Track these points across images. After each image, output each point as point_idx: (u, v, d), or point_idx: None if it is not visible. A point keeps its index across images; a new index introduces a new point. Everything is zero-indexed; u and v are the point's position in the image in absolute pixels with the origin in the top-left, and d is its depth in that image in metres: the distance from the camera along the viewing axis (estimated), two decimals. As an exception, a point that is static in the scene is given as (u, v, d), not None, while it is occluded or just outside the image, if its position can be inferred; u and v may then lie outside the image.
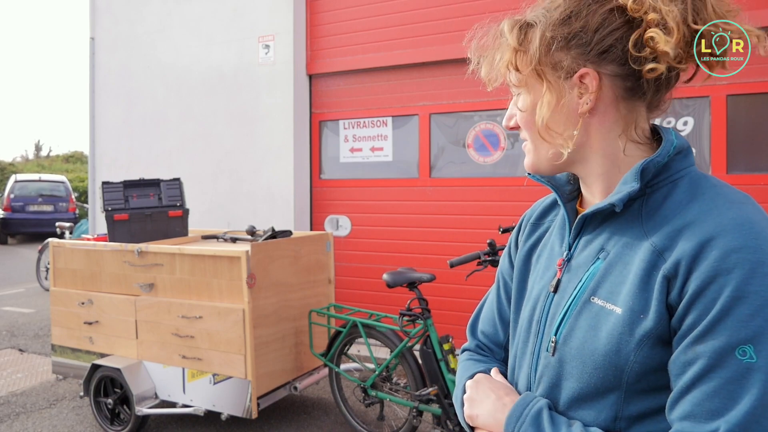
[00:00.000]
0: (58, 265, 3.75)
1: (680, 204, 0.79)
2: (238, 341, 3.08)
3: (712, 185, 0.80)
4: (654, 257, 0.76)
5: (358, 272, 5.18)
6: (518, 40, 0.84)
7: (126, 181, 3.82)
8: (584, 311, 0.82)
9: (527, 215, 1.08)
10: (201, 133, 5.70)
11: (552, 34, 0.81)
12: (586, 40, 0.81)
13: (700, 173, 0.83)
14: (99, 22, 6.34)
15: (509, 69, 0.86)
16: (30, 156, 32.08)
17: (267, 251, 3.24)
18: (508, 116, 0.92)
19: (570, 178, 0.97)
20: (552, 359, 0.85)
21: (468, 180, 4.77)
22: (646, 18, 0.77)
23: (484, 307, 1.13)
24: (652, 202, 0.81)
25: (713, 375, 0.69)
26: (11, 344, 5.44)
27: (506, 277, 1.07)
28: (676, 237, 0.75)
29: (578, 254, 0.88)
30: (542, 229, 1.02)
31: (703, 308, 0.70)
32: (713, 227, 0.72)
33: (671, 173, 0.82)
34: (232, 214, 5.45)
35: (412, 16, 4.93)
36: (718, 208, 0.75)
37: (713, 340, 0.69)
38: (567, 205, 0.94)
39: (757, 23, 3.16)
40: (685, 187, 0.80)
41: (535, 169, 0.90)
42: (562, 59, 0.82)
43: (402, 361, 3.12)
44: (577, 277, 0.86)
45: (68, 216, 13.67)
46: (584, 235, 0.89)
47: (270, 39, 5.30)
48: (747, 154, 3.94)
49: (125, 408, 3.40)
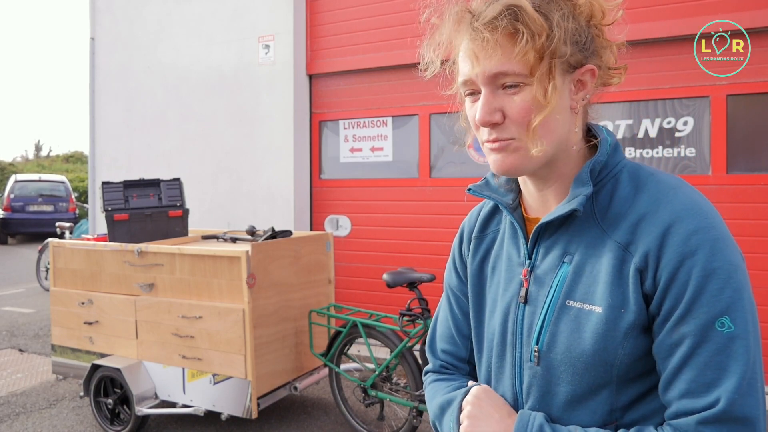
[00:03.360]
0: (58, 265, 3.75)
1: (628, 198, 0.82)
2: (238, 341, 3.08)
3: (649, 174, 0.84)
4: (621, 252, 0.79)
5: (358, 272, 5.18)
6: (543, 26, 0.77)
7: (126, 181, 3.82)
8: (563, 316, 0.83)
9: (467, 227, 1.06)
10: (201, 133, 5.70)
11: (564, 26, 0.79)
12: (585, 38, 0.82)
13: (633, 164, 0.86)
14: (99, 22, 6.34)
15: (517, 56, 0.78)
16: (30, 156, 32.09)
17: (267, 251, 3.24)
18: (491, 110, 0.81)
19: (509, 186, 0.96)
20: (538, 369, 0.85)
21: (468, 180, 4.76)
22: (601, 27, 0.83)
23: (438, 325, 1.10)
24: (601, 200, 0.84)
25: (700, 351, 0.74)
26: (11, 344, 5.44)
27: (457, 292, 1.05)
28: (635, 230, 0.79)
29: (541, 262, 0.88)
30: (488, 240, 1.01)
31: (677, 292, 0.75)
32: (668, 215, 0.77)
33: (610, 169, 0.85)
34: (232, 214, 5.45)
35: (412, 16, 4.93)
36: (665, 195, 0.80)
37: (694, 319, 0.74)
38: (514, 213, 0.93)
39: (758, 23, 3.15)
40: (627, 181, 0.84)
41: (520, 170, 0.84)
42: (566, 53, 0.80)
43: (402, 361, 3.12)
44: (546, 284, 0.86)
45: (68, 216, 13.66)
46: (542, 241, 0.89)
47: (270, 39, 5.30)
48: (747, 154, 3.94)
49: (125, 408, 3.40)
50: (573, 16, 0.81)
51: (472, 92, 0.86)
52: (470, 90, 0.85)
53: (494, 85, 0.81)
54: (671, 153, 4.07)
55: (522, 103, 0.80)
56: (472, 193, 0.98)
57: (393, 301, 4.61)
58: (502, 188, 0.97)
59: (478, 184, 1.00)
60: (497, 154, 0.84)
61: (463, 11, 0.83)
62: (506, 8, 0.78)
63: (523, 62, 0.78)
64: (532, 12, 0.77)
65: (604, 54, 0.85)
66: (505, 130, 0.82)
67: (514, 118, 0.81)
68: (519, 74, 0.79)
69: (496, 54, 0.79)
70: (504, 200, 0.95)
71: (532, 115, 0.80)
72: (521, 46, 0.77)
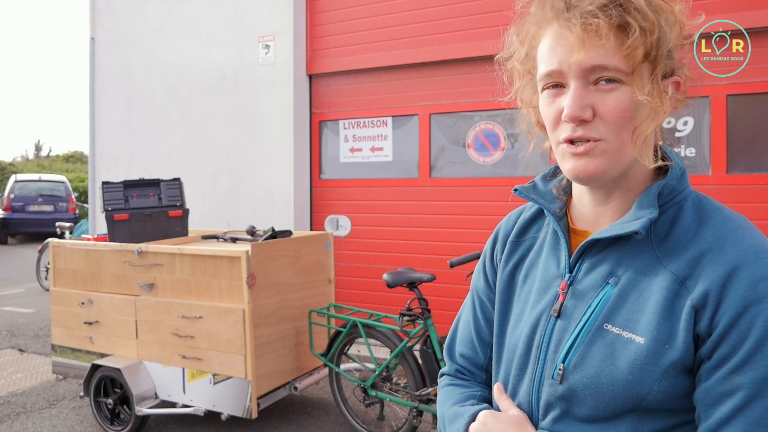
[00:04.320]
0: (58, 265, 3.75)
1: (690, 228, 0.78)
2: (238, 341, 3.08)
3: (716, 208, 0.79)
4: (676, 286, 0.75)
5: (358, 272, 5.18)
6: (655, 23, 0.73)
7: (126, 181, 3.82)
8: (597, 339, 0.78)
9: (503, 230, 1.01)
10: (201, 133, 5.70)
11: (665, 30, 0.76)
12: (673, 50, 0.79)
13: (699, 194, 0.82)
14: (99, 22, 6.34)
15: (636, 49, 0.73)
16: (30, 156, 32.11)
17: (267, 251, 3.24)
18: (582, 106, 0.75)
19: (558, 193, 0.92)
20: (560, 387, 0.81)
21: (468, 180, 4.77)
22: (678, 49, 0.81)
23: (459, 327, 1.06)
24: (660, 226, 0.79)
25: (755, 405, 0.68)
26: (11, 344, 5.44)
27: (483, 297, 1.01)
28: (697, 265, 0.74)
29: (583, 278, 0.83)
30: (524, 246, 0.96)
31: (737, 339, 0.70)
32: (735, 256, 0.72)
33: (674, 195, 0.81)
34: (232, 214, 5.44)
35: (412, 16, 4.93)
36: (733, 234, 0.75)
37: (752, 371, 0.68)
38: (560, 222, 0.88)
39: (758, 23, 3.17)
40: (691, 210, 0.79)
41: (603, 176, 0.78)
42: (664, 61, 0.76)
43: (402, 361, 3.12)
44: (585, 302, 0.81)
45: (68, 216, 13.65)
46: (587, 257, 0.84)
47: (270, 39, 5.30)
48: (747, 154, 3.94)
49: (125, 408, 3.40)
50: (671, 24, 0.76)
51: (554, 85, 0.79)
52: (553, 83, 0.79)
53: (586, 80, 0.75)
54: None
55: (618, 102, 0.74)
56: (518, 195, 0.93)
57: (393, 301, 4.60)
58: (549, 194, 0.92)
59: (525, 186, 0.94)
60: (579, 159, 0.77)
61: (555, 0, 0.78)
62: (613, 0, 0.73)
63: (629, 58, 0.73)
64: (644, 7, 0.72)
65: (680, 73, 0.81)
66: (593, 129, 0.75)
67: (607, 117, 0.75)
68: (620, 70, 0.73)
69: (600, 45, 0.73)
70: (551, 207, 0.90)
71: (626, 115, 0.75)
72: (632, 40, 0.72)
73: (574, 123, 0.76)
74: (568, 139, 0.77)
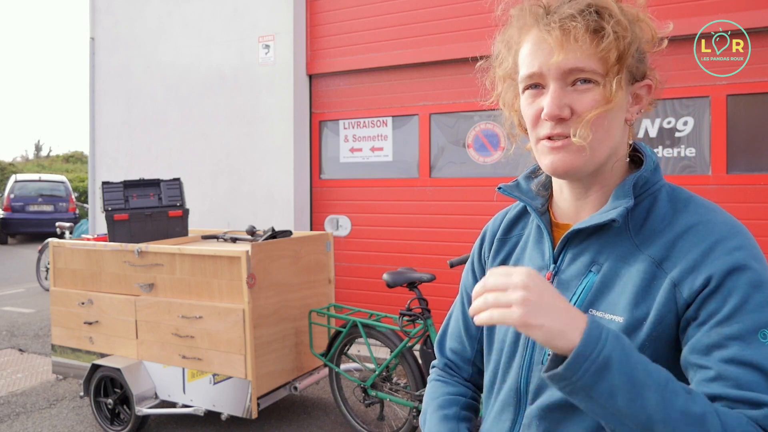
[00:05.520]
0: (58, 265, 3.75)
1: (666, 216, 0.83)
2: (238, 341, 3.08)
3: (688, 197, 0.85)
4: (653, 268, 0.79)
5: (358, 272, 5.18)
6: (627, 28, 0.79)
7: (126, 181, 3.82)
8: None
9: (490, 229, 1.06)
10: (201, 133, 5.70)
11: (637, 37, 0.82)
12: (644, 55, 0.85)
13: (672, 185, 0.87)
14: (99, 22, 6.34)
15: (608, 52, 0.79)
16: (30, 156, 32.11)
17: (267, 251, 3.24)
18: (561, 105, 0.80)
19: (538, 190, 0.97)
20: None
21: (468, 180, 4.77)
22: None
23: (450, 323, 1.12)
24: (637, 216, 0.84)
25: (743, 353, 0.71)
26: (11, 344, 5.44)
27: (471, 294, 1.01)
28: (673, 248, 0.79)
29: (566, 268, 0.88)
30: (511, 243, 1.01)
31: (722, 297, 0.74)
32: (712, 234, 0.78)
33: (649, 186, 0.86)
34: (232, 214, 5.45)
35: (412, 16, 4.93)
36: (705, 217, 0.81)
37: (737, 323, 0.72)
38: (542, 217, 0.93)
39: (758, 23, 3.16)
40: (665, 200, 0.84)
41: (578, 171, 0.83)
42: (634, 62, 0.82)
43: (402, 361, 3.12)
44: (570, 290, 0.86)
45: (68, 216, 13.65)
46: (570, 248, 0.88)
47: (270, 39, 5.30)
48: (747, 154, 3.94)
49: (125, 408, 3.40)
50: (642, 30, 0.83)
51: (534, 86, 0.84)
52: (533, 84, 0.84)
53: (565, 81, 0.81)
54: (671, 153, 4.07)
55: (592, 101, 0.80)
56: (502, 192, 0.98)
57: (393, 301, 4.60)
58: (532, 192, 0.97)
59: (509, 184, 0.99)
60: (557, 153, 0.82)
61: (536, 5, 0.83)
62: (589, 6, 0.79)
63: (603, 60, 0.78)
64: (617, 13, 0.78)
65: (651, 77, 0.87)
66: (568, 125, 0.81)
67: (582, 115, 0.80)
68: (596, 72, 0.79)
69: (577, 48, 0.78)
70: (533, 203, 0.95)
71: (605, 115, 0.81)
72: (606, 44, 0.77)
73: (553, 121, 0.81)
74: (547, 135, 0.82)
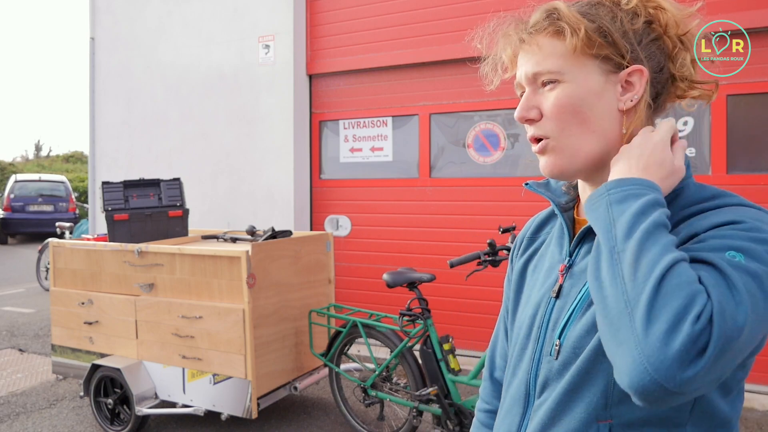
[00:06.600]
0: (58, 265, 3.75)
1: (679, 210, 0.81)
2: (238, 341, 3.08)
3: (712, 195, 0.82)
4: None
5: (358, 272, 5.18)
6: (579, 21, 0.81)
7: (126, 181, 3.82)
8: (587, 313, 0.82)
9: (522, 232, 1.08)
10: (201, 133, 5.70)
11: (607, 26, 0.82)
12: (637, 40, 0.83)
13: (699, 184, 0.85)
14: (99, 22, 6.34)
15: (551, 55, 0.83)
16: (30, 156, 32.09)
17: (267, 251, 3.23)
18: (527, 107, 0.86)
19: (568, 189, 0.97)
20: (556, 363, 0.84)
21: (468, 180, 4.77)
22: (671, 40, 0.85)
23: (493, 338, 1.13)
24: None
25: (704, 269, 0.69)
26: (11, 344, 5.44)
27: (507, 304, 1.07)
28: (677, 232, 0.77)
29: (580, 261, 0.88)
30: (538, 242, 1.02)
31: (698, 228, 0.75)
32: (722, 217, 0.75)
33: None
34: (232, 214, 5.45)
35: (412, 16, 4.93)
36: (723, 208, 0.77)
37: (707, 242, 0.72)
38: (564, 214, 0.94)
39: (757, 23, 3.15)
40: (685, 198, 0.83)
41: (566, 171, 0.86)
42: (614, 52, 0.82)
43: (402, 361, 3.12)
44: (580, 282, 0.86)
45: (68, 216, 13.65)
46: (586, 242, 0.89)
47: (270, 39, 5.30)
48: (747, 154, 3.94)
49: (125, 408, 3.40)
50: (621, 18, 0.83)
51: (522, 94, 0.90)
52: (521, 92, 0.90)
53: (535, 85, 0.86)
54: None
55: (556, 99, 0.83)
56: (528, 188, 1.00)
57: (393, 301, 4.60)
58: (560, 190, 0.98)
59: (538, 181, 1.00)
60: (541, 156, 0.87)
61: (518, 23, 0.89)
62: (546, 12, 0.84)
63: (555, 58, 0.82)
64: (566, 11, 0.82)
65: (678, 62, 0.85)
66: (541, 127, 0.85)
67: (548, 114, 0.84)
68: (553, 71, 0.83)
69: (536, 55, 0.84)
70: (558, 200, 0.96)
71: (566, 111, 0.83)
72: (555, 44, 0.82)
73: (524, 123, 0.87)
74: (529, 137, 0.88)
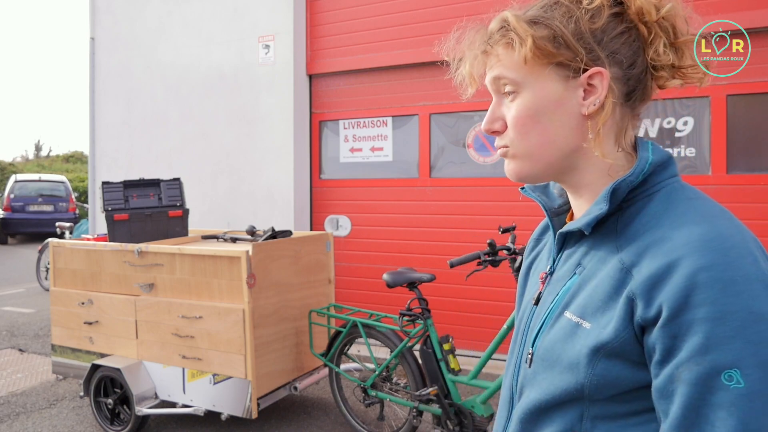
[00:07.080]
0: (58, 265, 3.75)
1: (652, 218, 0.76)
2: (238, 341, 3.08)
3: (686, 198, 0.77)
4: (622, 274, 0.74)
5: (358, 272, 5.18)
6: (527, 32, 0.79)
7: (126, 181, 3.82)
8: (557, 324, 0.81)
9: (533, 234, 1.08)
10: (201, 133, 5.70)
11: (561, 30, 0.78)
12: (597, 40, 0.78)
13: (679, 185, 0.79)
14: (99, 22, 6.34)
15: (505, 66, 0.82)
16: (30, 156, 32.11)
17: (267, 251, 3.23)
18: (492, 119, 0.85)
19: (561, 193, 0.95)
20: (529, 371, 0.84)
21: (468, 180, 4.77)
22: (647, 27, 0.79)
23: None
24: (627, 217, 0.79)
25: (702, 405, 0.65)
26: (11, 344, 5.44)
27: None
28: (644, 253, 0.72)
29: (560, 268, 0.87)
30: (541, 245, 1.02)
31: (677, 332, 0.66)
32: (680, 245, 0.69)
33: (647, 187, 0.79)
34: (232, 214, 5.45)
35: (412, 16, 4.93)
36: (688, 223, 0.71)
37: (697, 365, 0.64)
38: (554, 219, 0.93)
39: (757, 23, 3.15)
40: (660, 201, 0.77)
41: (522, 176, 0.85)
42: (570, 57, 0.78)
43: (402, 361, 3.12)
44: (555, 290, 0.85)
45: (68, 216, 13.66)
46: (566, 248, 0.88)
47: (270, 39, 5.30)
48: (747, 154, 3.94)
49: (125, 408, 3.40)
50: (578, 18, 0.78)
51: None
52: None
53: (500, 94, 0.85)
54: (671, 153, 4.08)
55: (516, 110, 0.82)
56: (523, 192, 0.99)
57: (393, 301, 4.60)
58: (555, 194, 0.96)
59: (533, 185, 0.97)
60: (505, 162, 0.87)
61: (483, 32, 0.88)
62: (499, 22, 0.84)
63: (513, 69, 0.81)
64: (514, 21, 0.80)
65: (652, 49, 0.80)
66: (505, 137, 0.84)
67: (510, 124, 0.83)
68: (511, 81, 0.82)
69: (496, 65, 0.84)
70: (550, 204, 0.94)
71: (524, 120, 0.81)
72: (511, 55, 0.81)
73: (490, 135, 0.87)
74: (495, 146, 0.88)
